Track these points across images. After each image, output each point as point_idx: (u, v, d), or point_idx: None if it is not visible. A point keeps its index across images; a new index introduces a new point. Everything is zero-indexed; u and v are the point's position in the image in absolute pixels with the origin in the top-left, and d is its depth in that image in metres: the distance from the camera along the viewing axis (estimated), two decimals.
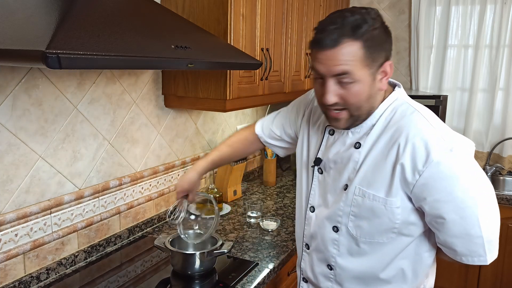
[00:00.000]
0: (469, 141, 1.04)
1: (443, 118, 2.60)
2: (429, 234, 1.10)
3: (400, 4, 3.10)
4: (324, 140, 1.21)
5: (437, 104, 2.55)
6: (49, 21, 0.91)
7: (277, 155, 2.68)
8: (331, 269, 1.19)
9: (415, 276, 1.13)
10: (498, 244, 1.07)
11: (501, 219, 2.94)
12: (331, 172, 1.17)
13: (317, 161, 1.20)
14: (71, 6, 0.97)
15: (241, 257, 1.60)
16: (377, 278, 1.13)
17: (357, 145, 1.10)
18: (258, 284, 1.43)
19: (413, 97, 1.18)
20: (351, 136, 1.12)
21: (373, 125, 1.09)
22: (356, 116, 1.07)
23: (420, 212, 1.06)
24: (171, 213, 1.43)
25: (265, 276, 1.48)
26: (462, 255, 1.06)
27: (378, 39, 1.00)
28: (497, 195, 2.48)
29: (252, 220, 1.94)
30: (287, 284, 1.74)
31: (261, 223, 1.87)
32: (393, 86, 1.15)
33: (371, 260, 1.12)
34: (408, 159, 1.00)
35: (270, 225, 1.85)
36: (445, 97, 2.60)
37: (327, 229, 1.17)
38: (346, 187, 1.11)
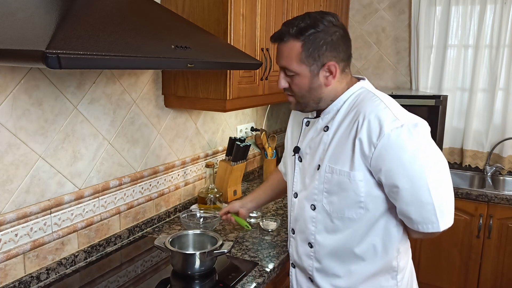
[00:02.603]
0: (422, 120, 1.15)
1: (443, 118, 2.60)
2: (395, 210, 1.20)
3: (400, 4, 3.10)
4: (302, 131, 1.36)
5: (437, 104, 2.55)
6: (49, 21, 0.91)
7: (277, 155, 2.68)
8: (311, 246, 1.31)
9: (386, 252, 1.24)
10: (452, 214, 1.17)
11: (501, 219, 2.95)
12: (307, 158, 1.31)
13: (296, 149, 1.35)
14: (71, 6, 0.97)
15: (241, 257, 1.60)
16: (352, 254, 1.24)
17: (326, 128, 1.26)
18: (258, 284, 1.43)
19: (413, 97, 1.22)
20: (321, 122, 1.28)
21: (338, 110, 1.24)
22: (303, 104, 1.25)
23: (382, 187, 1.17)
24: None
25: (265, 276, 1.48)
26: (417, 223, 1.16)
27: (324, 42, 1.16)
28: (497, 195, 2.52)
29: (252, 220, 1.94)
30: (287, 284, 1.73)
31: (261, 223, 1.87)
32: (359, 79, 1.29)
33: (345, 236, 1.23)
34: (364, 134, 1.13)
35: (270, 225, 1.85)
36: (445, 97, 2.60)
37: (306, 209, 1.29)
38: (318, 167, 1.25)
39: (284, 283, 1.70)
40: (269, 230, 1.85)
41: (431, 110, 2.56)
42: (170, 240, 1.48)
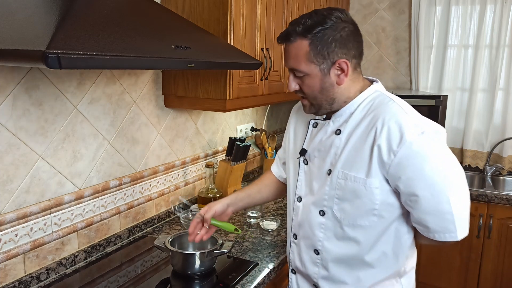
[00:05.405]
0: (441, 127, 1.13)
1: (443, 118, 2.60)
2: (406, 216, 1.18)
3: (400, 4, 3.10)
4: (309, 133, 1.30)
5: (437, 104, 2.55)
6: (49, 21, 0.91)
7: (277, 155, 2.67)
8: (317, 253, 1.26)
9: (396, 259, 1.21)
10: (468, 223, 1.14)
11: (501, 219, 2.95)
12: (315, 161, 1.26)
13: (302, 152, 1.29)
14: (71, 6, 0.97)
15: (241, 257, 1.60)
16: (362, 262, 1.20)
17: (338, 132, 1.20)
18: (258, 284, 1.43)
19: (413, 97, 1.21)
20: (332, 124, 1.23)
21: (352, 113, 1.19)
22: (317, 105, 1.20)
23: (397, 194, 1.14)
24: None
25: (265, 276, 1.48)
26: (434, 232, 1.13)
27: (333, 39, 1.11)
28: (497, 195, 2.53)
29: (252, 220, 1.94)
30: (287, 284, 1.73)
31: (261, 223, 1.87)
32: (371, 81, 1.25)
33: (354, 244, 1.19)
34: (384, 141, 1.09)
35: (270, 225, 1.85)
36: (445, 97, 2.60)
37: (313, 214, 1.24)
38: (330, 172, 1.20)
39: (284, 283, 1.70)
40: (269, 230, 1.85)
41: (431, 110, 2.55)
42: (170, 240, 1.48)
